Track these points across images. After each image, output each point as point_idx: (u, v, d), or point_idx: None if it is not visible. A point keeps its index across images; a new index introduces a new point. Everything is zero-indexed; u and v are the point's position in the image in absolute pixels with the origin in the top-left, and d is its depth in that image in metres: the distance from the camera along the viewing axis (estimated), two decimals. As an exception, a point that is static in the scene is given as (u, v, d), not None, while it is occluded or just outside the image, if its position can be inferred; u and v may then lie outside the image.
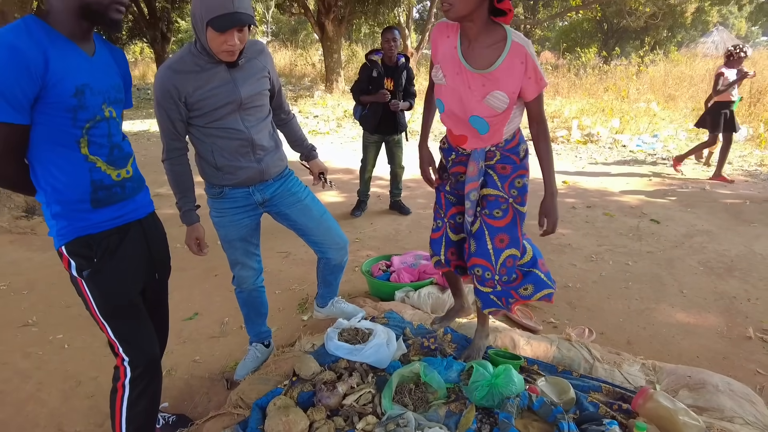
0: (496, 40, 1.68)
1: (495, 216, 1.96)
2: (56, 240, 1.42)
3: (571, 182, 5.66)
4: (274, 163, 1.99)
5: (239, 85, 1.79)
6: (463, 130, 1.88)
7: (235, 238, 2.05)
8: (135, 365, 1.53)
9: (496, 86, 1.71)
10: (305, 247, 3.79)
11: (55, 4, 1.28)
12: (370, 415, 1.83)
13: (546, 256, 3.52)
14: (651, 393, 1.80)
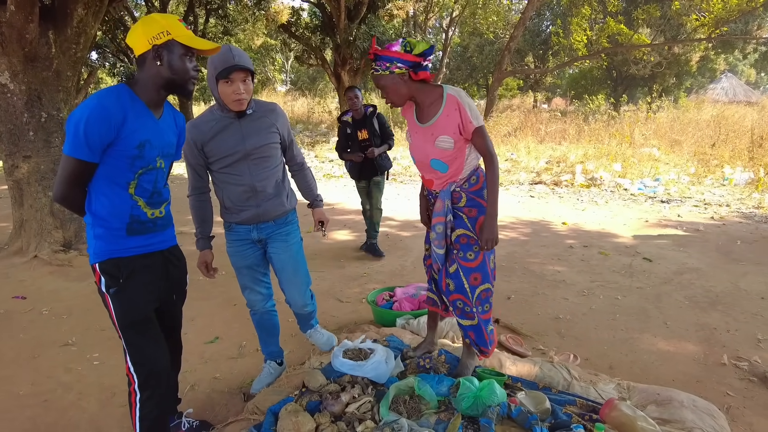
0: (434, 99, 2.12)
1: (468, 258, 2.26)
2: (92, 257, 1.73)
3: (570, 224, 5.94)
4: (273, 208, 2.29)
5: (246, 138, 2.15)
6: (429, 174, 2.27)
7: (242, 266, 2.39)
8: (139, 373, 1.78)
9: (441, 132, 2.11)
10: (317, 280, 4.14)
11: (144, 78, 1.66)
12: (368, 421, 2.09)
13: (541, 291, 3.81)
14: (616, 403, 2.05)
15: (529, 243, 5.17)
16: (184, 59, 1.67)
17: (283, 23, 16.39)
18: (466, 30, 26.87)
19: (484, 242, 2.20)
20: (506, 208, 6.88)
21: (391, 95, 2.09)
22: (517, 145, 12.05)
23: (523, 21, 16.88)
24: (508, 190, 8.26)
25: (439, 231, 2.27)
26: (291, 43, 22.07)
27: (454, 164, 2.18)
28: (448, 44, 22.28)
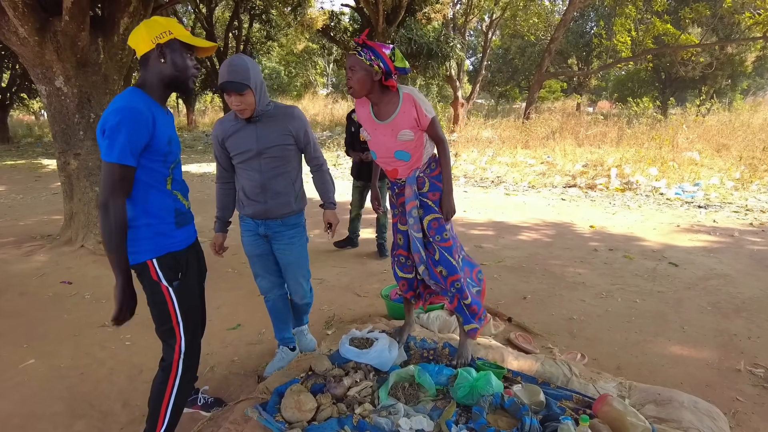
0: (391, 98, 2.29)
1: (444, 238, 2.44)
2: (145, 254, 1.81)
3: (598, 227, 5.86)
4: (280, 206, 2.45)
5: (258, 138, 2.34)
6: (393, 164, 2.41)
7: (253, 255, 2.60)
8: (187, 359, 1.98)
9: (402, 127, 2.28)
10: (338, 275, 4.29)
11: (150, 78, 1.79)
12: (367, 404, 2.21)
13: (558, 292, 3.82)
14: (608, 399, 2.09)
15: (552, 245, 5.15)
16: (185, 57, 1.80)
17: (322, 27, 16.72)
18: (507, 32, 26.59)
19: (445, 213, 2.41)
20: (534, 211, 6.84)
21: (357, 82, 2.20)
22: (555, 148, 11.88)
23: (564, 22, 16.61)
24: (539, 193, 8.19)
25: (414, 215, 2.41)
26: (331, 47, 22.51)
27: (416, 153, 2.34)
28: (487, 46, 22.10)
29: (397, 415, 2.13)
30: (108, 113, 1.68)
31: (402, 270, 2.64)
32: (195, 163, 13.34)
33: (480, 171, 10.33)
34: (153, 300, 1.91)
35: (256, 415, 2.14)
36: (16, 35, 4.53)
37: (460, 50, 16.62)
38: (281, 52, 28.32)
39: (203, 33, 20.56)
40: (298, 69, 34.83)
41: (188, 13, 21.20)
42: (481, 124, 16.89)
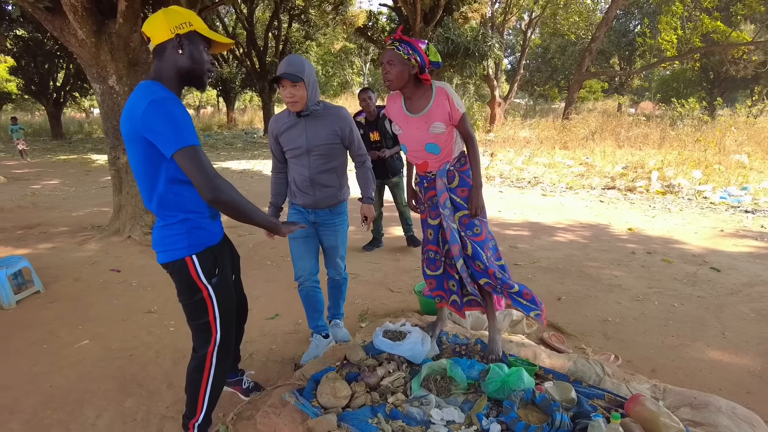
0: (425, 92, 2.36)
1: (476, 233, 2.49)
2: (184, 250, 1.79)
3: (636, 230, 5.73)
4: (327, 198, 2.66)
5: (308, 136, 2.52)
6: (424, 157, 2.47)
7: (298, 236, 2.74)
8: (222, 338, 1.96)
9: (434, 119, 2.34)
10: (371, 271, 4.38)
11: (166, 70, 1.72)
12: (400, 393, 2.28)
13: (593, 293, 3.80)
14: (641, 399, 2.08)
15: (588, 247, 5.08)
16: (203, 51, 1.75)
17: (360, 27, 16.87)
18: (546, 31, 26.13)
19: (473, 209, 2.45)
20: (571, 212, 6.75)
21: (395, 75, 2.30)
22: (594, 149, 11.64)
23: (606, 21, 16.22)
24: (577, 194, 8.06)
25: (448, 206, 2.46)
26: (368, 47, 22.67)
27: (447, 146, 2.41)
28: (526, 45, 21.80)
29: (429, 406, 2.19)
30: (155, 105, 1.60)
31: (430, 268, 2.68)
32: (235, 160, 13.74)
33: (516, 171, 10.24)
34: (189, 297, 1.89)
35: (293, 399, 2.23)
36: (75, 37, 4.80)
37: (498, 49, 16.45)
38: (319, 51, 28.70)
39: (244, 33, 21.09)
40: (335, 69, 35.22)
41: (230, 13, 21.75)
42: (519, 124, 16.69)
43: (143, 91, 1.67)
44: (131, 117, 1.65)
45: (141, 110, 1.60)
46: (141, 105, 1.61)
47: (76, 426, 2.36)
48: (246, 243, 5.39)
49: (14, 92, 24.78)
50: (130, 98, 1.70)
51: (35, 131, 25.39)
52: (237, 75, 25.20)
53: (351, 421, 2.07)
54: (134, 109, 1.64)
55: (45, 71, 21.00)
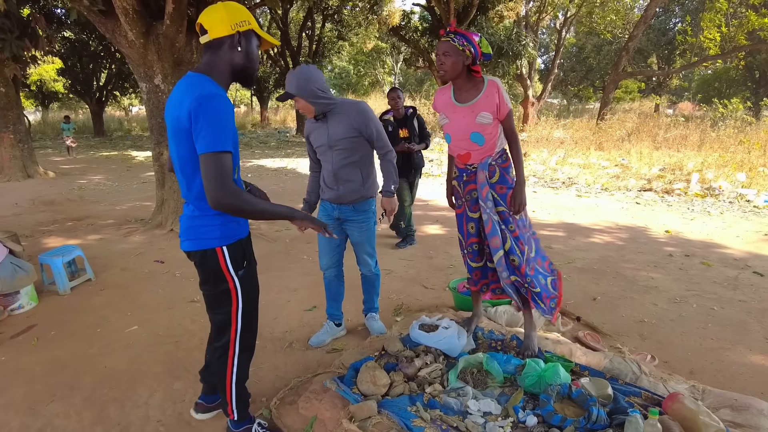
0: (475, 84, 2.45)
1: (511, 230, 2.55)
2: (215, 241, 1.81)
3: (674, 232, 5.63)
4: (350, 193, 2.74)
5: (329, 134, 2.66)
6: (467, 147, 2.52)
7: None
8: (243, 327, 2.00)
9: (482, 109, 2.41)
10: (405, 268, 4.45)
11: (220, 65, 1.73)
12: (437, 384, 2.34)
13: (629, 294, 3.77)
14: (679, 396, 2.09)
15: (624, 248, 5.02)
16: (257, 49, 1.80)
17: (394, 26, 16.96)
18: (582, 30, 25.65)
19: (516, 206, 2.52)
20: (606, 213, 6.66)
21: (450, 66, 2.37)
22: (630, 151, 11.40)
23: (645, 19, 15.82)
24: (612, 196, 7.93)
25: (491, 198, 2.51)
26: (400, 46, 22.74)
27: (490, 139, 2.46)
28: (561, 45, 21.45)
29: (466, 397, 2.24)
30: (205, 101, 1.61)
31: (475, 260, 2.73)
32: (269, 158, 14.02)
33: (550, 172, 10.13)
34: (215, 287, 1.91)
35: (334, 386, 2.33)
36: (125, 38, 5.03)
37: (531, 48, 16.30)
38: (351, 51, 28.94)
39: (278, 33, 21.45)
40: (366, 68, 35.44)
41: (264, 13, 22.13)
42: (552, 124, 16.46)
43: (192, 83, 1.69)
44: (178, 108, 1.67)
45: (189, 102, 1.62)
46: (190, 97, 1.63)
47: (130, 404, 2.51)
48: (283, 238, 5.54)
49: (61, 92, 25.85)
50: (178, 90, 1.73)
51: (79, 129, 26.45)
52: (271, 74, 25.64)
53: (390, 408, 2.14)
54: (182, 100, 1.66)
55: (89, 71, 21.87)
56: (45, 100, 27.39)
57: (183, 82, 1.74)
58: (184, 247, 1.89)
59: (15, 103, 10.35)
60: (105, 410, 2.47)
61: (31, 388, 2.67)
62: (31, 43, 9.55)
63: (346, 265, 3.13)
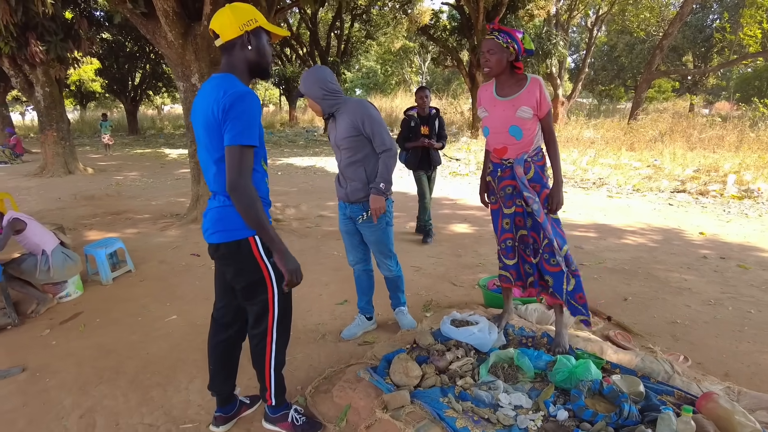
0: (518, 80, 2.50)
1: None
2: (247, 231, 1.86)
3: (709, 234, 5.51)
4: (354, 192, 2.77)
5: (336, 133, 2.72)
6: (504, 141, 2.54)
7: (342, 232, 3.02)
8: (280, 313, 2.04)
9: (522, 104, 2.45)
10: (434, 265, 4.49)
11: (238, 64, 1.84)
12: (468, 378, 2.38)
13: (662, 296, 3.74)
14: (714, 396, 2.08)
15: (657, 250, 4.95)
16: (267, 44, 1.88)
17: (422, 25, 16.97)
18: (614, 28, 25.13)
19: (555, 205, 2.54)
20: (638, 214, 6.56)
21: (494, 62, 2.43)
22: (663, 151, 11.15)
23: (680, 16, 15.43)
24: (645, 197, 7.79)
25: (530, 189, 2.53)
26: (428, 45, 22.72)
27: (528, 135, 2.49)
28: (592, 43, 21.09)
29: (497, 391, 2.28)
30: (236, 97, 1.71)
31: (508, 257, 2.75)
32: (298, 157, 14.24)
33: (581, 172, 10.00)
34: (249, 276, 1.96)
35: (368, 376, 2.39)
36: (165, 39, 5.21)
37: (562, 47, 16.08)
38: (379, 50, 29.03)
39: (307, 33, 21.70)
40: (393, 67, 35.50)
41: (294, 13, 22.40)
42: (583, 124, 16.21)
43: (221, 82, 1.78)
44: (211, 104, 1.75)
45: (222, 97, 1.72)
46: (223, 93, 1.73)
47: (171, 388, 2.64)
48: (314, 234, 5.65)
49: (98, 91, 26.73)
50: (206, 89, 1.82)
51: (114, 127, 27.28)
52: (300, 74, 25.96)
53: (423, 398, 2.20)
54: (215, 97, 1.74)
55: (125, 71, 22.57)
56: (83, 99, 28.38)
57: (211, 83, 1.83)
58: (214, 239, 1.92)
59: (58, 103, 10.79)
60: (149, 393, 2.60)
61: (80, 371, 2.83)
62: (73, 45, 9.94)
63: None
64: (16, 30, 8.66)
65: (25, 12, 8.50)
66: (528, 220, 2.63)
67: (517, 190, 2.59)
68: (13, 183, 10.12)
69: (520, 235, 2.68)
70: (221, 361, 2.23)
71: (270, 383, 2.16)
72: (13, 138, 15.12)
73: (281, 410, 2.24)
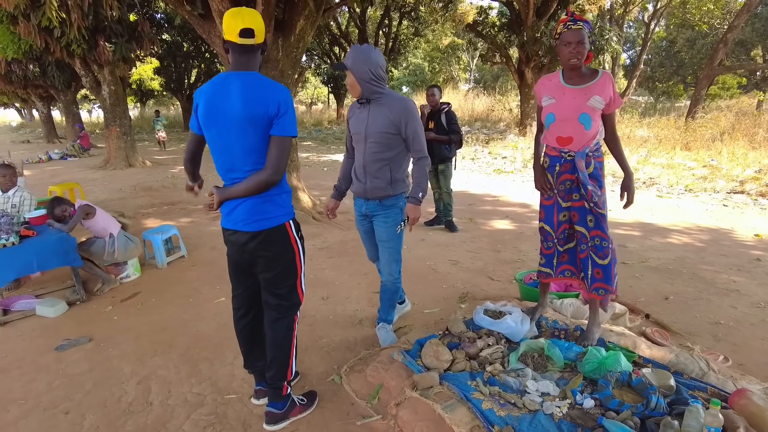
0: (590, 72, 2.47)
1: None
2: (285, 216, 2.07)
3: (765, 236, 5.26)
4: (376, 189, 2.66)
5: (368, 123, 2.58)
6: (571, 130, 2.47)
7: (360, 230, 2.95)
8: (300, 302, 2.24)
9: (595, 93, 2.41)
10: (472, 260, 4.54)
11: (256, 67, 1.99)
12: (497, 364, 2.45)
13: (706, 296, 3.67)
14: (747, 393, 2.05)
15: (705, 250, 4.79)
16: None
17: (470, 22, 16.85)
18: (674, 22, 24.01)
19: (631, 196, 2.62)
20: (688, 215, 6.33)
21: (582, 53, 2.36)
22: (722, 151, 10.62)
23: (748, 7, 14.58)
24: (697, 197, 7.49)
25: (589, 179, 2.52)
26: (477, 42, 22.50)
27: (595, 127, 2.45)
28: (648, 39, 20.26)
29: (526, 378, 2.34)
30: (287, 94, 1.92)
31: (564, 244, 2.72)
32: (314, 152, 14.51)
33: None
34: (283, 257, 2.11)
35: (400, 358, 2.51)
36: (220, 38, 5.50)
37: (615, 43, 15.54)
38: (427, 48, 28.97)
39: (356, 31, 21.98)
40: (441, 65, 35.33)
41: (343, 12, 22.75)
42: (636, 122, 15.63)
43: (259, 80, 1.91)
44: (260, 100, 1.88)
45: (278, 95, 1.88)
46: (277, 91, 1.89)
47: (218, 362, 2.84)
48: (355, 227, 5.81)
49: (156, 89, 28.13)
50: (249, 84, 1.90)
51: (170, 123, 28.72)
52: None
53: (451, 380, 2.29)
54: (265, 94, 1.88)
55: (182, 70, 23.66)
56: (143, 97, 29.94)
57: (251, 79, 1.92)
58: (254, 227, 2.03)
59: (122, 100, 11.50)
60: (198, 366, 2.82)
61: (138, 344, 3.09)
62: (137, 46, 10.57)
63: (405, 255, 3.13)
64: (87, 33, 9.32)
65: (95, 16, 9.14)
66: (580, 216, 2.60)
67: (575, 184, 2.55)
68: (81, 175, 10.87)
69: (573, 230, 2.68)
70: (249, 342, 2.36)
71: (292, 368, 2.26)
72: (83, 133, 16.24)
73: (288, 399, 2.30)
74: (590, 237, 2.58)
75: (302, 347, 2.99)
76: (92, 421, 2.36)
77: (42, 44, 9.18)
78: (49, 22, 8.36)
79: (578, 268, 2.73)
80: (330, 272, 4.26)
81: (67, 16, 8.56)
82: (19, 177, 4.35)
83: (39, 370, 2.82)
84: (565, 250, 2.75)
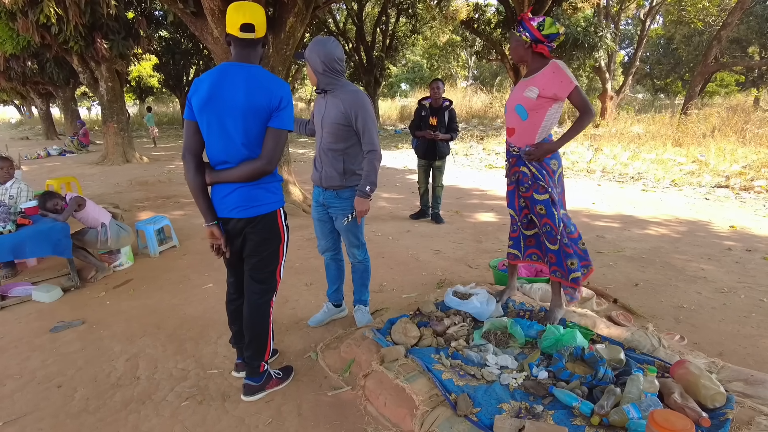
0: (542, 65, 2.64)
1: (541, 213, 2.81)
2: (278, 203, 2.20)
3: (739, 228, 5.41)
4: (330, 178, 2.69)
5: (324, 111, 2.63)
6: (511, 121, 2.75)
7: (314, 218, 2.96)
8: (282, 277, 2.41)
9: (532, 84, 2.62)
10: (454, 249, 4.70)
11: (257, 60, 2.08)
12: (462, 341, 2.61)
13: (674, 283, 3.82)
14: (686, 363, 2.22)
15: (680, 241, 4.95)
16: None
17: (466, 19, 16.97)
18: (670, 19, 24.11)
19: (535, 154, 2.68)
20: (669, 208, 6.48)
21: (512, 53, 2.70)
22: (710, 146, 10.77)
23: (741, 5, 14.69)
24: (681, 191, 7.64)
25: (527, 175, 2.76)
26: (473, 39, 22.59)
27: (533, 118, 2.64)
28: (644, 36, 20.34)
29: (487, 352, 2.50)
30: (287, 88, 2.01)
31: (527, 228, 2.94)
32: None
33: (620, 166, 9.83)
34: (270, 244, 2.22)
35: (371, 335, 2.67)
36: (212, 36, 5.65)
37: (610, 40, 15.66)
38: (425, 45, 29.05)
39: (353, 29, 22.10)
40: (440, 62, 35.40)
41: (341, 9, 22.86)
42: (632, 119, 15.77)
43: (261, 73, 2.00)
44: (263, 91, 1.97)
45: (279, 89, 1.99)
46: (278, 85, 2.00)
47: (203, 342, 3.01)
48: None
49: (155, 86, 28.27)
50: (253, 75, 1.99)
51: (170, 120, 28.95)
52: (345, 69, 26.42)
53: (417, 354, 2.45)
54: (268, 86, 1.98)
55: (180, 67, 23.78)
56: (142, 94, 30.07)
57: (253, 71, 2.01)
58: (248, 213, 2.13)
59: (119, 97, 11.65)
60: (183, 345, 2.98)
61: (128, 326, 3.26)
62: (134, 43, 10.72)
63: (389, 245, 3.41)
64: (84, 30, 9.46)
65: (92, 13, 9.29)
66: (531, 204, 2.79)
67: (522, 177, 2.79)
68: (79, 170, 11.04)
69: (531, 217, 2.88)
70: (239, 321, 2.47)
71: (270, 344, 2.41)
72: (83, 129, 16.41)
73: (265, 374, 2.44)
74: (541, 225, 2.76)
75: (284, 328, 3.16)
76: (83, 394, 2.52)
77: (40, 40, 9.33)
78: (46, 19, 8.52)
79: (543, 251, 2.91)
80: (315, 261, 4.42)
81: (64, 13, 8.72)
82: (16, 170, 4.51)
83: (34, 349, 2.99)
84: (532, 234, 2.92)
